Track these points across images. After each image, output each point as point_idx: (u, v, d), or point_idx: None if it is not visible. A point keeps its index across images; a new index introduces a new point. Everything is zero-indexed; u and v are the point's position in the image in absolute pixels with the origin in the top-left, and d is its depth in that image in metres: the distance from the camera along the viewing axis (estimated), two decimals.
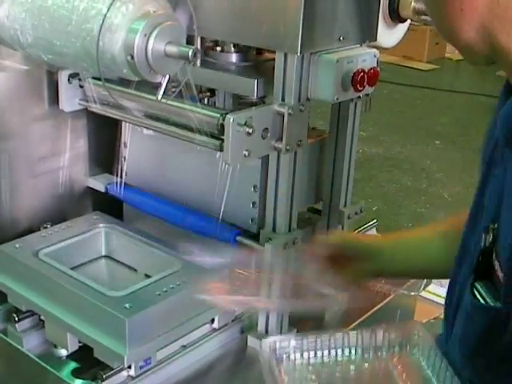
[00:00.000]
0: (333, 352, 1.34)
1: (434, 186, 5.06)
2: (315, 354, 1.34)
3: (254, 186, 1.71)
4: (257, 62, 1.75)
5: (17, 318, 1.66)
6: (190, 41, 1.40)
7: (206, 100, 1.82)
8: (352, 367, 1.34)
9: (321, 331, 1.37)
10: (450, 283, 1.33)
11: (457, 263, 1.31)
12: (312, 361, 1.34)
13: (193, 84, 1.42)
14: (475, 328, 1.19)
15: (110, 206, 1.98)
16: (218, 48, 1.74)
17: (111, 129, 1.92)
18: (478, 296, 1.17)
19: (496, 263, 1.12)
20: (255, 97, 1.65)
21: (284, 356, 1.35)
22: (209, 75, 1.68)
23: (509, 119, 1.11)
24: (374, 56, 1.63)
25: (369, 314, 1.87)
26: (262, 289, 1.46)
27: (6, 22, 1.48)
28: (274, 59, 1.55)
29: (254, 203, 1.72)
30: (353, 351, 1.35)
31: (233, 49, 1.73)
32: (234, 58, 1.73)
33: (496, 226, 1.13)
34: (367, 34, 1.68)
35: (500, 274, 1.10)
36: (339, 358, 1.34)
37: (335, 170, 1.84)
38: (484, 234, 1.16)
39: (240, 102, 1.78)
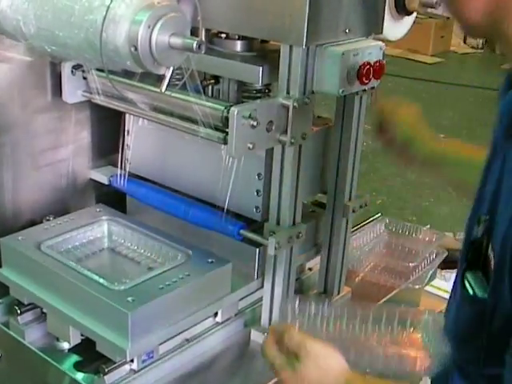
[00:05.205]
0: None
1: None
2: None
3: (259, 174, 1.70)
4: (262, 49, 1.73)
5: (19, 311, 1.65)
6: (194, 32, 1.39)
7: (209, 88, 1.80)
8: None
9: None
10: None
11: (461, 251, 1.31)
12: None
13: (196, 73, 1.40)
14: (463, 318, 1.22)
15: (112, 199, 1.97)
16: (223, 35, 1.72)
17: (114, 121, 1.91)
18: (468, 286, 1.19)
19: (491, 255, 1.13)
20: (260, 84, 1.64)
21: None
22: (214, 62, 1.66)
23: (509, 111, 1.13)
24: (380, 49, 1.62)
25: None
26: None
27: (9, 12, 1.47)
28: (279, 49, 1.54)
29: (258, 191, 1.71)
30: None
31: (237, 36, 1.71)
32: (239, 45, 1.71)
33: (488, 217, 1.15)
34: (373, 27, 1.66)
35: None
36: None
37: (340, 163, 1.82)
38: (476, 224, 1.18)
39: (244, 90, 1.76)
